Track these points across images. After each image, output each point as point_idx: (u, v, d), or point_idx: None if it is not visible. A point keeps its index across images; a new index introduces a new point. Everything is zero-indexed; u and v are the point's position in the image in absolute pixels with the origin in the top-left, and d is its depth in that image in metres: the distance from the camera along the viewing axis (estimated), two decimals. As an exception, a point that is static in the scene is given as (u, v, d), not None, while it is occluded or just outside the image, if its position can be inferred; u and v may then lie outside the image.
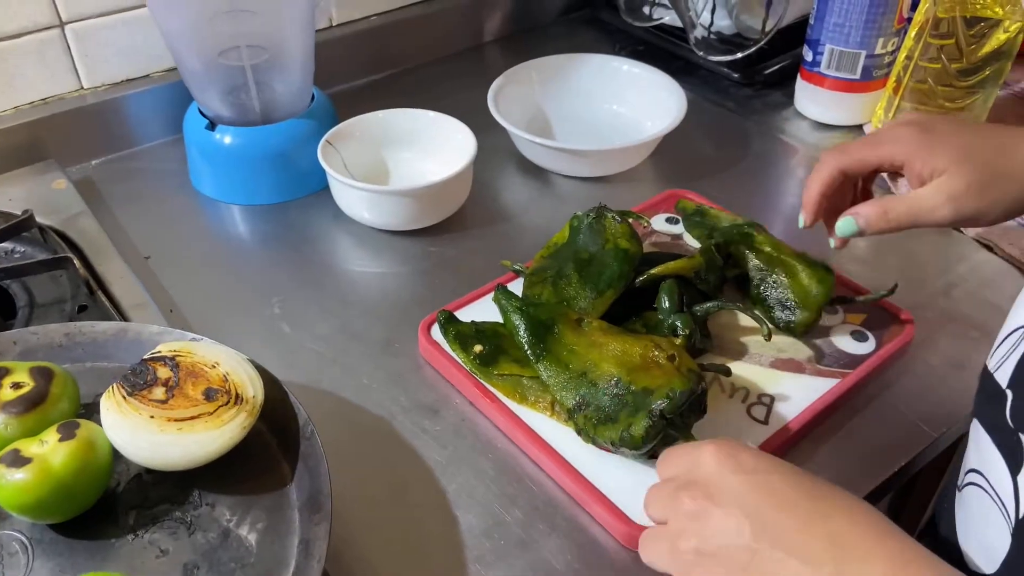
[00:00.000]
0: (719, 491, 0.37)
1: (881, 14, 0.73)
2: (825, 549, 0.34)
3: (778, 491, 0.36)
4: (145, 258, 0.67)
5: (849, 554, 0.34)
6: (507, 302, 0.55)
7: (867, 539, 0.34)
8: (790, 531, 0.35)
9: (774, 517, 0.35)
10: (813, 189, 0.53)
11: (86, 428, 0.44)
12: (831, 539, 0.34)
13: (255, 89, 0.70)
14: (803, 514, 0.35)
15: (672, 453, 0.41)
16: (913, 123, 0.51)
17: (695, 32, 0.85)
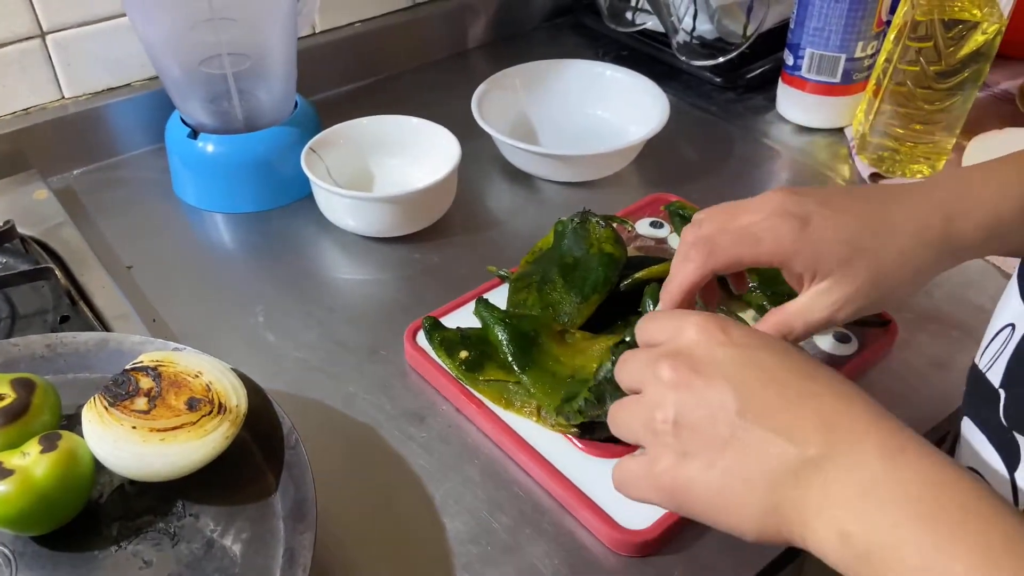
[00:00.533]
0: (703, 361, 0.34)
1: (860, 18, 0.74)
2: (814, 429, 0.32)
3: (768, 367, 0.34)
4: (127, 268, 0.66)
5: (839, 436, 0.32)
6: (488, 314, 0.55)
7: (859, 421, 0.32)
8: (777, 408, 0.33)
9: (761, 393, 0.33)
10: (674, 292, 0.44)
11: (68, 439, 0.44)
12: (821, 419, 0.32)
13: (237, 97, 0.70)
14: (792, 392, 0.33)
15: (654, 318, 0.38)
16: (792, 215, 0.42)
17: (677, 37, 0.85)
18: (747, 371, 0.34)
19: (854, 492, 0.31)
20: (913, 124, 0.72)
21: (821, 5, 0.74)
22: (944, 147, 0.73)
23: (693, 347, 0.35)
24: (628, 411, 0.37)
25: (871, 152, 0.75)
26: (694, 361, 0.35)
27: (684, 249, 0.43)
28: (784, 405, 0.33)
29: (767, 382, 0.34)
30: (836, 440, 0.32)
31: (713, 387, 0.34)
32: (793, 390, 0.33)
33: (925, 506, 0.30)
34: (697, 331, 0.36)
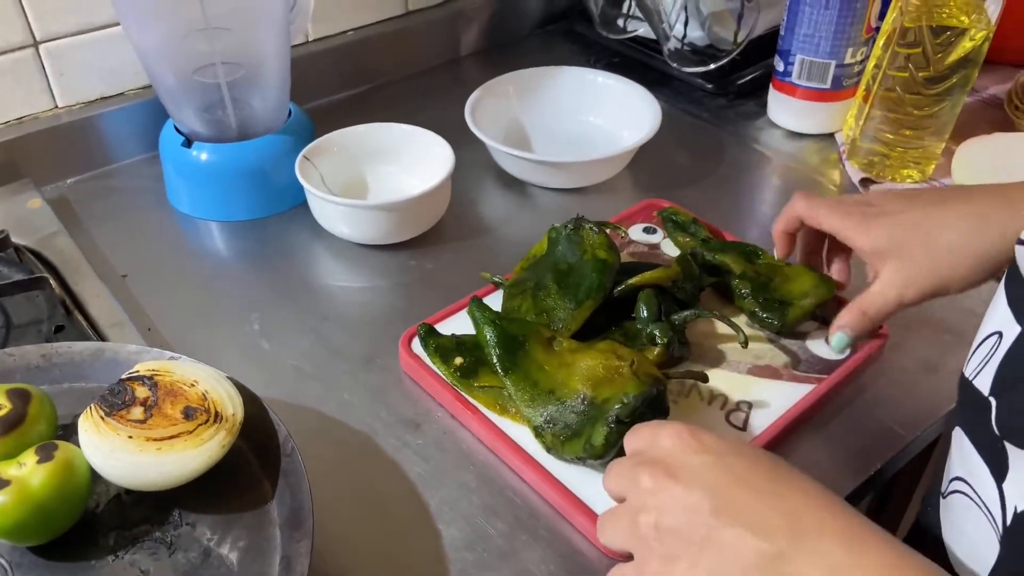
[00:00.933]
0: (679, 468, 0.38)
1: (849, 24, 0.75)
2: (781, 524, 0.35)
3: (737, 470, 0.37)
4: (122, 276, 0.66)
5: (804, 528, 0.35)
6: (480, 314, 0.55)
7: (821, 515, 0.35)
8: (747, 507, 0.36)
9: (732, 494, 0.36)
10: (778, 226, 0.59)
11: (64, 450, 0.44)
12: (787, 515, 0.35)
13: (231, 106, 0.70)
14: (760, 492, 0.36)
15: (636, 429, 0.42)
16: (871, 206, 0.54)
17: (668, 44, 0.86)
18: (718, 475, 0.37)
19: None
20: (902, 129, 0.72)
21: (811, 12, 0.75)
22: (933, 152, 0.74)
23: (668, 455, 0.39)
24: (615, 520, 0.40)
25: (861, 157, 0.76)
26: (670, 467, 0.38)
27: (794, 196, 0.58)
28: (753, 503, 0.36)
29: (736, 484, 0.37)
30: (801, 531, 0.35)
31: (688, 491, 0.37)
32: (761, 489, 0.36)
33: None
34: (672, 440, 0.39)
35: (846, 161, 0.78)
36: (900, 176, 0.75)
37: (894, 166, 0.74)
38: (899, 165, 0.74)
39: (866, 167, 0.75)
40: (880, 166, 0.75)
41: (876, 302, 0.53)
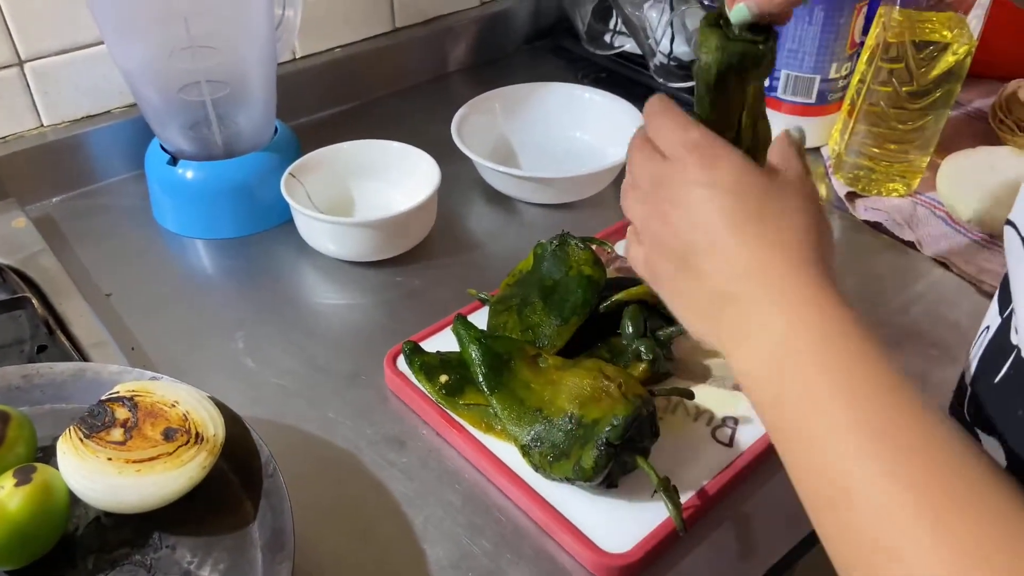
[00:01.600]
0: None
1: (833, 40, 0.75)
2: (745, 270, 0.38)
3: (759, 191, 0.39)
4: (106, 295, 0.66)
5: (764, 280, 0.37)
6: (465, 332, 0.55)
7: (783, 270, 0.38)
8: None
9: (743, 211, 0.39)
10: None
11: (43, 472, 0.44)
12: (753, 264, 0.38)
13: (217, 123, 0.70)
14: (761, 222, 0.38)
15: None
16: None
17: (655, 60, 0.86)
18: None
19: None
20: (887, 143, 0.73)
21: (795, 27, 0.75)
22: (918, 166, 0.74)
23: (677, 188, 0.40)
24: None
25: (847, 171, 0.76)
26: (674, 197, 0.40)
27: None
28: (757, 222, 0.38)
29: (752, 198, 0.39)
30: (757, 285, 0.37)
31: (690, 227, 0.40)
32: (767, 214, 0.38)
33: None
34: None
35: (832, 175, 0.78)
36: (886, 190, 0.75)
37: (879, 180, 0.75)
38: (884, 179, 0.74)
39: (851, 181, 0.76)
40: (866, 180, 0.75)
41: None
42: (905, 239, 0.70)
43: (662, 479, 0.47)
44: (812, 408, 0.34)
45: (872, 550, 0.31)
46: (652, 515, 0.48)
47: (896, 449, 0.32)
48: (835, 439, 0.33)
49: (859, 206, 0.74)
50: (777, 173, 0.40)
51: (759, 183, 0.39)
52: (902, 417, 0.33)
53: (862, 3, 0.75)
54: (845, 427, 0.33)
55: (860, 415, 0.33)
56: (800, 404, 0.35)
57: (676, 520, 0.46)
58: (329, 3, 0.87)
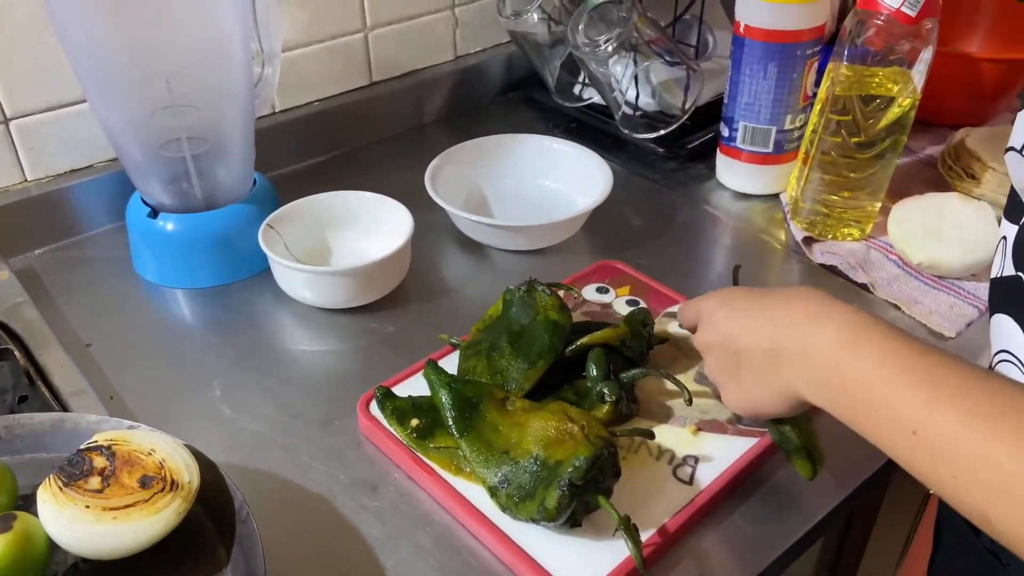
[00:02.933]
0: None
1: (787, 93, 0.79)
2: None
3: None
4: (86, 346, 0.68)
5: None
6: (435, 377, 0.57)
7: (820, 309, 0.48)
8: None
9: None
10: None
11: (23, 520, 0.45)
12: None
13: (196, 178, 0.72)
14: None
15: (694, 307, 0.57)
16: None
17: (620, 112, 0.90)
18: (734, 317, 0.53)
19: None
20: (840, 191, 0.76)
21: (750, 82, 0.79)
22: (871, 211, 0.78)
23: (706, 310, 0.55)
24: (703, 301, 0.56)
25: (804, 217, 0.79)
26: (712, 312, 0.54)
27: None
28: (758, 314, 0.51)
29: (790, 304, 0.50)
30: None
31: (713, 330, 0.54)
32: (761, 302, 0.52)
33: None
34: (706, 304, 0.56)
35: (790, 220, 0.81)
36: (841, 235, 0.78)
37: (834, 225, 0.78)
38: (839, 224, 0.78)
39: (808, 227, 0.79)
40: (822, 225, 0.79)
41: None
42: (859, 281, 0.73)
43: (622, 518, 0.49)
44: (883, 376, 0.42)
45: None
46: (615, 554, 0.50)
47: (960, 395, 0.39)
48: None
49: (815, 250, 0.77)
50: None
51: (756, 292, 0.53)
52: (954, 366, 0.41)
53: (813, 59, 0.79)
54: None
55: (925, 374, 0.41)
56: (867, 380, 0.43)
57: (636, 558, 0.47)
58: (307, 59, 0.91)
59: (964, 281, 0.73)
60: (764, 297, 0.51)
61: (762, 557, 0.52)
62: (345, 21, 0.92)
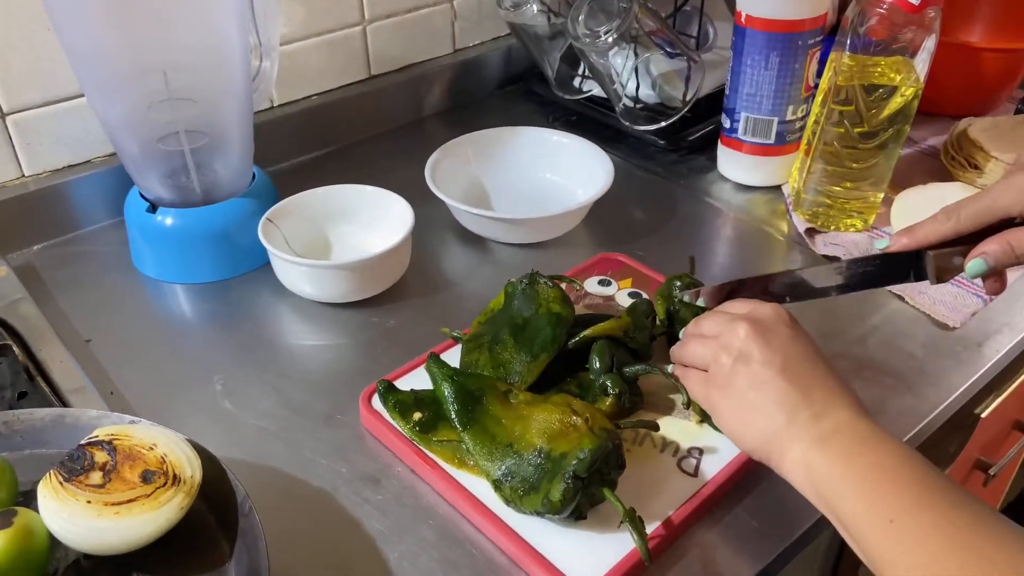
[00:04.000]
0: (771, 334, 0.50)
1: (789, 84, 0.79)
2: (819, 398, 0.48)
3: (805, 347, 0.50)
4: (86, 341, 0.67)
5: (828, 408, 0.47)
6: (438, 370, 0.57)
7: (845, 400, 0.48)
8: (803, 377, 0.48)
9: (797, 362, 0.49)
10: (919, 238, 0.53)
11: (23, 516, 0.45)
12: (825, 394, 0.48)
13: (195, 172, 0.72)
14: (816, 370, 0.49)
15: (739, 301, 0.54)
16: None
17: (620, 104, 0.90)
18: (794, 346, 0.50)
19: (822, 436, 0.46)
20: (842, 181, 0.76)
21: (752, 73, 0.79)
22: (873, 202, 0.77)
23: (768, 318, 0.51)
24: (700, 347, 0.53)
25: (806, 208, 0.79)
26: (766, 329, 0.50)
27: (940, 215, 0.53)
28: (808, 377, 0.48)
29: (803, 358, 0.49)
30: (826, 409, 0.47)
31: (770, 348, 0.49)
32: (816, 369, 0.49)
33: (868, 461, 0.45)
34: (774, 310, 0.52)
35: (792, 212, 0.81)
36: (844, 225, 0.78)
37: (837, 216, 0.78)
38: (842, 215, 0.78)
39: (811, 218, 0.79)
40: (824, 216, 0.78)
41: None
42: (862, 272, 0.73)
43: (628, 510, 0.48)
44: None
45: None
46: (620, 545, 0.50)
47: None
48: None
49: (818, 241, 0.77)
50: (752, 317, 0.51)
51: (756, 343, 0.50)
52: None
53: (815, 48, 0.79)
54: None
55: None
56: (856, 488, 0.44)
57: (641, 550, 0.47)
58: (306, 53, 0.90)
59: (967, 271, 0.73)
60: (822, 356, 0.50)
61: (768, 549, 0.51)
62: (343, 14, 0.91)
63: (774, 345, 0.49)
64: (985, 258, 0.50)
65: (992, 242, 0.50)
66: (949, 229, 0.52)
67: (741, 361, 0.49)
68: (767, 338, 0.49)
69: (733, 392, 0.49)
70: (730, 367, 0.49)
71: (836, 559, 0.75)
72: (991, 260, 0.50)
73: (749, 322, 0.50)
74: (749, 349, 0.49)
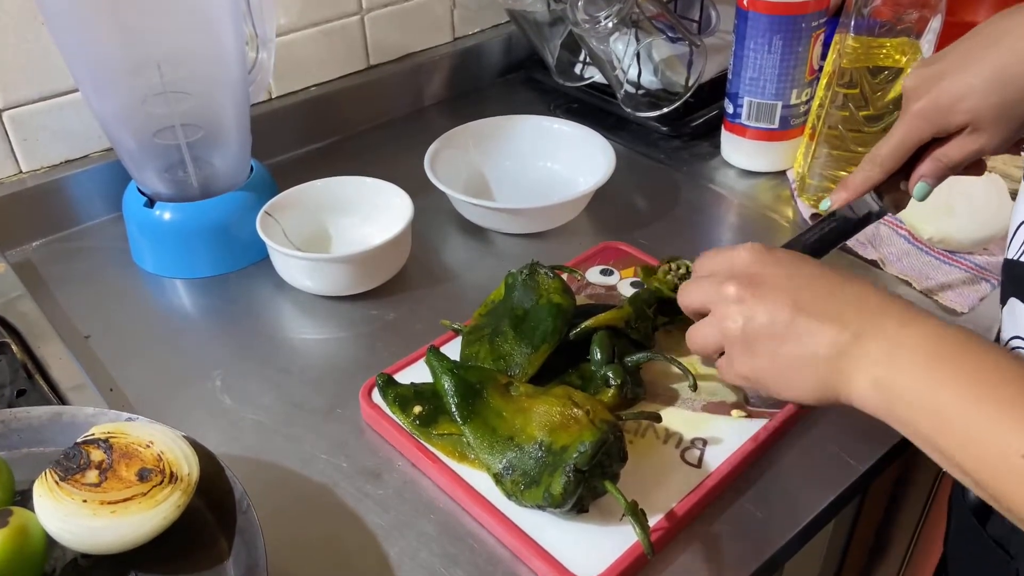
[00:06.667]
0: (760, 277, 0.45)
1: (792, 67, 0.77)
2: (849, 311, 0.43)
3: (809, 274, 0.45)
4: (85, 337, 0.67)
5: (868, 310, 0.42)
6: (437, 363, 0.56)
7: (879, 300, 0.43)
8: (821, 302, 0.44)
9: (808, 292, 0.44)
10: (854, 188, 0.57)
11: (19, 516, 0.44)
12: (854, 306, 0.43)
13: (192, 166, 0.71)
14: (830, 291, 0.44)
15: (708, 255, 0.50)
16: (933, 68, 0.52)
17: (621, 90, 0.88)
18: (795, 279, 0.45)
19: (881, 352, 0.41)
20: (848, 166, 0.75)
21: (755, 57, 0.78)
22: (880, 186, 0.76)
23: (748, 267, 0.46)
24: (703, 330, 0.48)
25: (811, 193, 0.78)
26: (753, 279, 0.46)
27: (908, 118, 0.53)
28: (825, 300, 0.44)
29: (811, 285, 0.45)
30: (867, 314, 0.42)
31: (769, 295, 0.45)
32: (830, 290, 0.44)
33: (930, 354, 0.40)
34: (749, 254, 0.47)
35: (797, 197, 0.80)
36: (849, 210, 0.77)
37: (842, 201, 0.76)
38: (847, 200, 0.76)
39: (816, 203, 0.78)
40: (829, 201, 0.77)
41: (952, 150, 0.53)
42: (869, 258, 0.72)
43: (630, 503, 0.48)
44: (937, 387, 0.39)
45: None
46: (623, 538, 0.49)
47: None
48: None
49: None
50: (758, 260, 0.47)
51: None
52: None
53: (819, 31, 0.78)
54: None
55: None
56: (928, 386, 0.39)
57: (644, 544, 0.47)
58: (303, 43, 0.89)
59: (975, 255, 0.72)
60: (833, 273, 0.45)
61: (772, 541, 0.51)
62: (341, 4, 0.90)
63: (772, 291, 0.45)
64: (925, 180, 0.55)
65: (924, 165, 0.55)
66: (877, 174, 0.56)
67: (750, 326, 0.45)
68: (761, 289, 0.45)
69: (763, 361, 0.45)
70: (742, 339, 0.45)
71: (843, 550, 0.74)
72: (930, 180, 0.55)
73: (734, 281, 0.46)
74: (750, 311, 0.45)
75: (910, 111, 0.53)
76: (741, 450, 0.54)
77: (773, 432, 0.55)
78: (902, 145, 0.54)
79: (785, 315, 0.44)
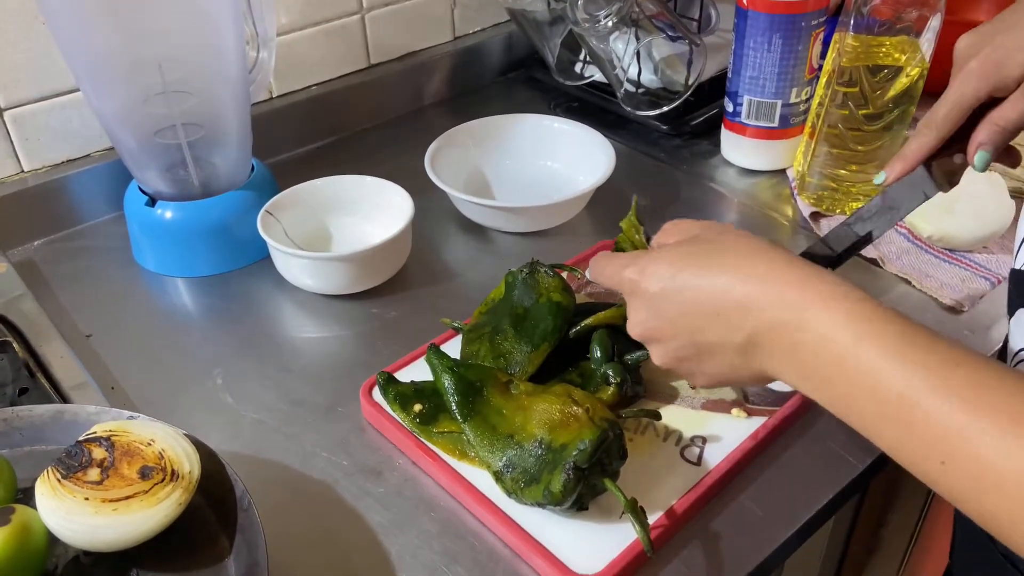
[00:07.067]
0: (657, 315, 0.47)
1: (792, 66, 0.77)
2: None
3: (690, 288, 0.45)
4: (86, 336, 0.67)
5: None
6: (438, 361, 0.56)
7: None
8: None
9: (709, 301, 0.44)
10: (911, 157, 0.54)
11: (21, 513, 0.44)
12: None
13: (193, 165, 0.71)
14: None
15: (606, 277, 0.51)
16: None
17: (621, 89, 0.89)
18: (678, 270, 0.46)
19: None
20: (848, 164, 0.75)
21: (755, 55, 0.78)
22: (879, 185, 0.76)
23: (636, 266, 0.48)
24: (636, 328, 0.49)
25: (811, 192, 0.78)
26: (640, 273, 0.48)
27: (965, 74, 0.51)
28: (719, 280, 0.44)
29: (697, 270, 0.46)
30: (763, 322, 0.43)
31: (654, 298, 0.47)
32: (724, 263, 0.45)
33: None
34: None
35: (797, 196, 0.80)
36: (849, 209, 0.77)
37: (842, 200, 0.77)
38: (847, 199, 0.76)
39: (816, 201, 0.78)
40: (829, 200, 0.77)
41: (1008, 110, 0.50)
42: (868, 256, 0.72)
43: (629, 501, 0.48)
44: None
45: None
46: (623, 536, 0.49)
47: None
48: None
49: (823, 225, 0.76)
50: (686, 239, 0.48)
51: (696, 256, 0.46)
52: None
53: (819, 29, 0.78)
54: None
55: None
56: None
57: (643, 541, 0.47)
58: (304, 43, 0.89)
59: (975, 254, 0.72)
60: (720, 271, 0.44)
61: (772, 539, 0.51)
62: (342, 3, 0.90)
63: (656, 288, 0.46)
64: (983, 148, 0.51)
65: (981, 131, 0.51)
66: (933, 139, 0.52)
67: (652, 324, 0.47)
68: (646, 284, 0.47)
69: (685, 351, 0.47)
70: (668, 343, 0.47)
71: (843, 547, 0.74)
72: (989, 147, 0.51)
73: (627, 282, 0.48)
74: (646, 314, 0.47)
75: (964, 70, 0.51)
76: (741, 448, 0.54)
77: (773, 430, 0.56)
78: (958, 105, 0.51)
79: (675, 312, 0.46)
